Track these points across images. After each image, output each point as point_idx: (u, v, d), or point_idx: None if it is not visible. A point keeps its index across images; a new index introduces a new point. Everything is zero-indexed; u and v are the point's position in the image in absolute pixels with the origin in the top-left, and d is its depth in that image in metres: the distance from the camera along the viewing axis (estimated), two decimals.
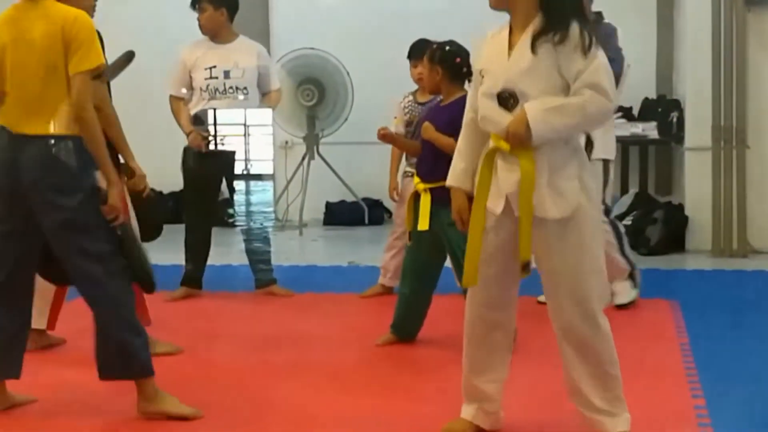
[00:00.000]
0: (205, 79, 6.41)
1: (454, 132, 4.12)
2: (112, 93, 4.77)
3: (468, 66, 4.96)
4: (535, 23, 3.46)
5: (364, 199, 9.87)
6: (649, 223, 8.08)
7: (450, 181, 3.74)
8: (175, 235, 6.30)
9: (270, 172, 6.84)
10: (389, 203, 8.63)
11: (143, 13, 10.03)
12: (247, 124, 6.51)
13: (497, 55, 3.54)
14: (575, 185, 3.49)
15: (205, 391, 4.39)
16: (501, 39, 3.55)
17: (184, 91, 6.48)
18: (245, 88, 6.44)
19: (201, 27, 6.51)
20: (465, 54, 5.01)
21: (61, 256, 4.00)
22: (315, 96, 9.58)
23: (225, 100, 6.42)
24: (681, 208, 8.27)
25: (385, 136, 5.53)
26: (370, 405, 4.20)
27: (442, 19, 8.63)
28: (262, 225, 6.55)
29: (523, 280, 3.64)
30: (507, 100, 3.48)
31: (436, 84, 5.10)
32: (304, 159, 9.64)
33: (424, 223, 4.92)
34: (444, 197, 3.85)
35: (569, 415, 3.70)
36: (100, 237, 3.96)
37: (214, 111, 6.39)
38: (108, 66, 4.52)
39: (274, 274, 6.55)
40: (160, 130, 8.08)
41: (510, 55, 3.49)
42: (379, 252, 6.64)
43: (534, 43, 3.42)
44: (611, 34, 5.74)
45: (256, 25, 9.50)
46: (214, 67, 6.40)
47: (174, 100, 6.51)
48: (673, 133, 8.48)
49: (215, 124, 6.38)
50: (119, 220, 4.00)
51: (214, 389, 4.43)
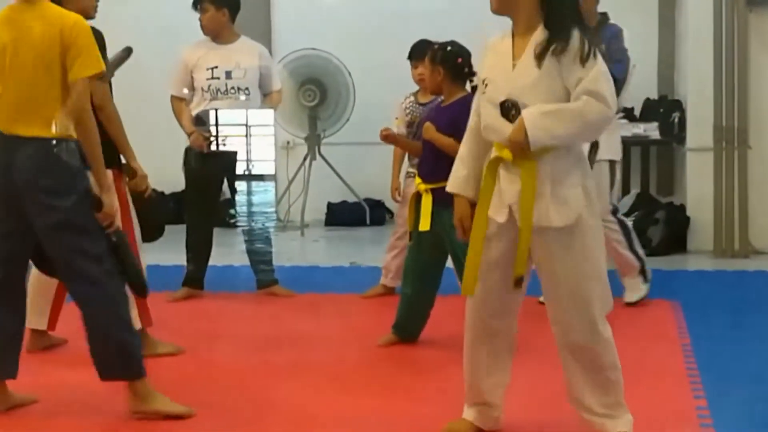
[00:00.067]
0: (207, 79, 6.41)
1: (455, 132, 4.13)
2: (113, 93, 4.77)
3: (469, 66, 4.96)
4: (537, 35, 3.45)
5: (366, 200, 9.87)
6: (651, 224, 8.08)
7: (451, 187, 3.71)
8: (177, 236, 6.30)
9: (271, 172, 6.85)
10: (391, 204, 8.63)
11: (144, 12, 10.04)
12: (249, 124, 6.51)
13: (501, 65, 3.53)
14: (578, 193, 3.47)
15: (207, 391, 4.39)
16: (504, 47, 3.54)
17: (185, 91, 6.48)
18: (247, 89, 6.44)
19: (203, 27, 6.51)
20: (466, 54, 5.01)
21: (54, 256, 4.00)
22: (316, 96, 9.59)
23: (226, 100, 6.41)
24: (682, 208, 8.27)
25: (387, 137, 5.54)
26: (371, 405, 4.20)
27: (443, 19, 8.64)
28: (263, 225, 6.55)
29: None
30: (509, 110, 3.47)
31: (438, 84, 5.09)
32: (305, 159, 9.65)
33: (425, 224, 4.91)
34: (445, 198, 3.83)
35: (569, 415, 3.70)
36: (99, 237, 3.96)
37: (216, 111, 6.39)
38: (107, 63, 4.50)
39: (275, 274, 6.55)
40: (160, 130, 8.08)
41: (514, 66, 3.48)
42: (380, 252, 6.64)
43: (538, 58, 3.41)
44: (617, 35, 5.74)
45: (258, 26, 9.50)
46: (216, 67, 6.40)
47: (175, 100, 6.51)
48: (674, 133, 8.48)
49: (217, 125, 6.38)
50: (113, 227, 4.02)
51: (216, 389, 4.44)
